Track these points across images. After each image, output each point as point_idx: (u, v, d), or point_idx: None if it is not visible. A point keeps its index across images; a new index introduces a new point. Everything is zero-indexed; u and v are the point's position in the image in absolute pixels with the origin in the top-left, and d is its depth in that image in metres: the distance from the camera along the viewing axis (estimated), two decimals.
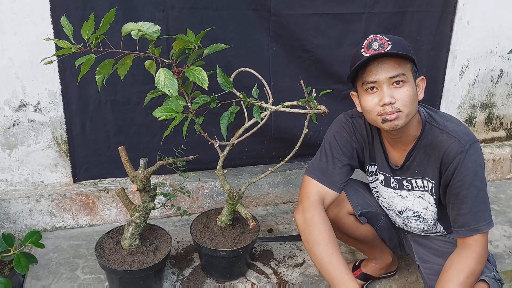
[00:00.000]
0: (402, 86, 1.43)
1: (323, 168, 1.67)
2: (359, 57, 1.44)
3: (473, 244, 1.49)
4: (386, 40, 1.42)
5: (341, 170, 1.67)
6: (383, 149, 1.66)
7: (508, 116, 3.04)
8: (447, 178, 1.51)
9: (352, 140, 1.69)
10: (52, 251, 2.19)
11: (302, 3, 2.33)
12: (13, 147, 2.21)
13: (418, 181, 1.63)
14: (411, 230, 1.82)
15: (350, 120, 1.70)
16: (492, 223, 1.51)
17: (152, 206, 1.88)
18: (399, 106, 1.43)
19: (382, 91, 1.43)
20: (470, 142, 1.47)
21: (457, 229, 1.52)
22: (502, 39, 2.77)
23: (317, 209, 1.58)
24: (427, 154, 1.56)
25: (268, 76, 2.39)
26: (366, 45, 1.45)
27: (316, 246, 1.52)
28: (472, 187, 1.46)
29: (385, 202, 1.79)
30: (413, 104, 1.46)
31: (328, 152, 1.68)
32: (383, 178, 1.72)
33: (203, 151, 2.24)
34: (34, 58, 2.08)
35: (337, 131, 1.70)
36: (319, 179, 1.65)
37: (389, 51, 1.40)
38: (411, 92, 1.44)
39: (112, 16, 1.48)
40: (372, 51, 1.41)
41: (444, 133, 1.51)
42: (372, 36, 1.46)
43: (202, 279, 2.03)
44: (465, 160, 1.45)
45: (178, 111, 1.63)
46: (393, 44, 1.41)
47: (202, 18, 2.22)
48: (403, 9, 2.50)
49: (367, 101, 1.48)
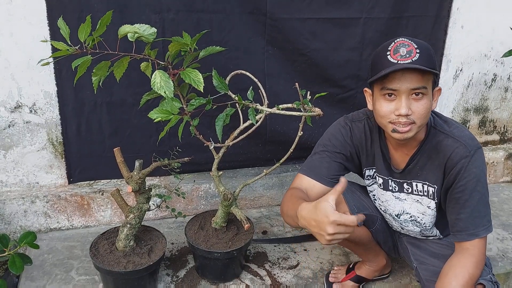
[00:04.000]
0: (421, 99, 1.41)
1: (310, 163, 1.70)
2: (385, 62, 1.40)
3: (471, 249, 1.49)
4: (415, 48, 1.38)
5: (330, 165, 1.67)
6: (385, 152, 1.66)
7: (501, 120, 3.06)
8: (449, 181, 1.52)
9: (347, 143, 1.69)
10: (46, 252, 2.19)
11: (298, 7, 2.34)
12: (9, 148, 2.21)
13: (418, 184, 1.63)
14: (408, 233, 1.82)
15: (349, 124, 1.70)
16: (491, 228, 1.51)
17: (147, 208, 1.89)
18: (414, 119, 1.42)
19: (400, 101, 1.41)
20: (475, 148, 1.47)
21: (455, 233, 1.52)
22: (495, 43, 2.80)
23: (295, 189, 1.61)
24: (430, 158, 1.56)
25: (264, 78, 2.40)
26: (393, 49, 1.40)
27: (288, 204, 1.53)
28: (474, 192, 1.47)
29: (382, 205, 1.80)
30: (427, 117, 1.46)
31: (319, 151, 1.70)
32: (382, 181, 1.72)
33: (198, 153, 2.25)
34: (30, 59, 2.08)
35: (332, 134, 1.71)
36: (306, 173, 1.68)
37: (416, 65, 1.36)
38: (429, 105, 1.43)
39: (108, 18, 1.49)
40: (398, 57, 1.38)
41: (450, 137, 1.51)
42: (400, 40, 1.41)
43: (196, 280, 2.04)
44: (469, 165, 1.46)
45: (174, 113, 1.64)
46: (420, 54, 1.37)
47: (198, 20, 2.22)
48: (399, 14, 2.51)
49: (382, 106, 1.46)
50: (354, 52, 2.51)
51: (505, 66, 2.88)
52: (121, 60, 1.60)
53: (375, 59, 1.46)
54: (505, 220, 2.63)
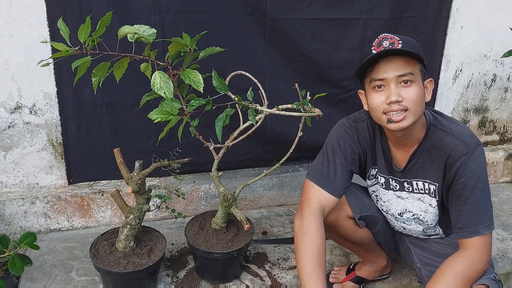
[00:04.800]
0: (410, 86, 1.43)
1: (325, 174, 1.66)
2: (369, 54, 1.44)
3: (468, 248, 1.49)
4: (397, 40, 1.42)
5: (343, 176, 1.66)
6: (386, 151, 1.66)
7: (501, 120, 3.06)
8: (449, 178, 1.51)
9: (355, 145, 1.68)
10: (46, 253, 2.19)
11: (298, 7, 2.34)
12: (9, 149, 2.22)
13: (419, 183, 1.63)
14: (410, 233, 1.82)
15: (354, 124, 1.69)
16: (493, 226, 1.51)
17: (147, 208, 1.89)
18: (406, 104, 1.43)
19: (389, 89, 1.44)
20: (474, 145, 1.47)
21: (457, 231, 1.52)
22: (495, 44, 2.80)
23: (315, 218, 1.58)
24: (430, 156, 1.56)
25: (263, 79, 2.40)
26: (376, 43, 1.45)
27: (303, 255, 1.53)
28: (475, 189, 1.47)
29: (384, 205, 1.80)
30: (420, 105, 1.46)
31: (330, 157, 1.67)
32: (384, 180, 1.72)
33: (198, 154, 2.25)
34: (30, 60, 2.08)
35: (340, 136, 1.69)
36: (321, 184, 1.65)
37: (399, 49, 1.40)
38: (419, 92, 1.44)
39: (108, 19, 1.49)
40: (382, 49, 1.42)
41: (449, 135, 1.51)
42: (383, 35, 1.46)
43: (196, 281, 2.03)
44: (469, 162, 1.46)
45: (174, 113, 1.64)
46: (403, 43, 1.41)
47: (197, 21, 2.22)
48: (399, 15, 2.51)
49: (373, 98, 1.48)
50: (353, 53, 2.51)
51: (504, 67, 2.88)
52: (121, 61, 1.60)
53: (361, 56, 1.51)
54: (505, 220, 2.63)
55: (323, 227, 1.58)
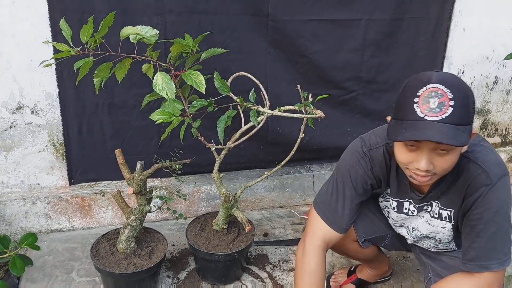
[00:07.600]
0: (446, 154, 1.25)
1: (333, 208, 1.57)
2: (410, 113, 1.21)
3: (478, 277, 1.39)
4: (448, 99, 1.18)
5: (351, 211, 1.57)
6: (403, 180, 1.52)
7: (503, 123, 3.05)
8: (466, 207, 1.40)
9: (368, 177, 1.54)
10: (47, 254, 2.19)
11: (300, 9, 2.34)
12: (10, 149, 2.21)
13: (435, 208, 1.52)
14: (422, 245, 1.73)
15: (368, 153, 1.52)
16: (508, 262, 1.37)
17: (148, 209, 1.89)
18: (435, 171, 1.28)
19: (422, 154, 1.25)
20: (498, 176, 1.33)
21: (466, 262, 1.41)
22: (497, 46, 2.79)
23: (317, 256, 1.54)
24: (452, 183, 1.43)
25: (265, 80, 2.40)
26: (422, 96, 1.20)
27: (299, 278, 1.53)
28: (491, 222, 1.34)
29: (395, 222, 1.71)
30: (451, 167, 1.30)
31: (340, 188, 1.57)
32: (396, 204, 1.62)
33: (200, 155, 2.24)
34: (31, 60, 2.08)
35: (352, 166, 1.54)
36: (328, 220, 1.57)
37: (444, 124, 1.17)
38: (454, 160, 1.28)
39: (111, 19, 1.49)
40: (427, 111, 1.19)
41: (471, 162, 1.36)
42: (433, 87, 1.20)
43: (197, 282, 2.03)
44: (489, 194, 1.33)
45: (175, 114, 1.64)
46: (454, 107, 1.17)
47: (200, 22, 2.22)
48: (401, 16, 2.51)
49: (401, 153, 1.31)
50: (355, 54, 2.51)
51: (506, 69, 2.88)
52: (123, 61, 1.60)
53: (401, 101, 1.27)
54: None
55: (324, 264, 1.55)
